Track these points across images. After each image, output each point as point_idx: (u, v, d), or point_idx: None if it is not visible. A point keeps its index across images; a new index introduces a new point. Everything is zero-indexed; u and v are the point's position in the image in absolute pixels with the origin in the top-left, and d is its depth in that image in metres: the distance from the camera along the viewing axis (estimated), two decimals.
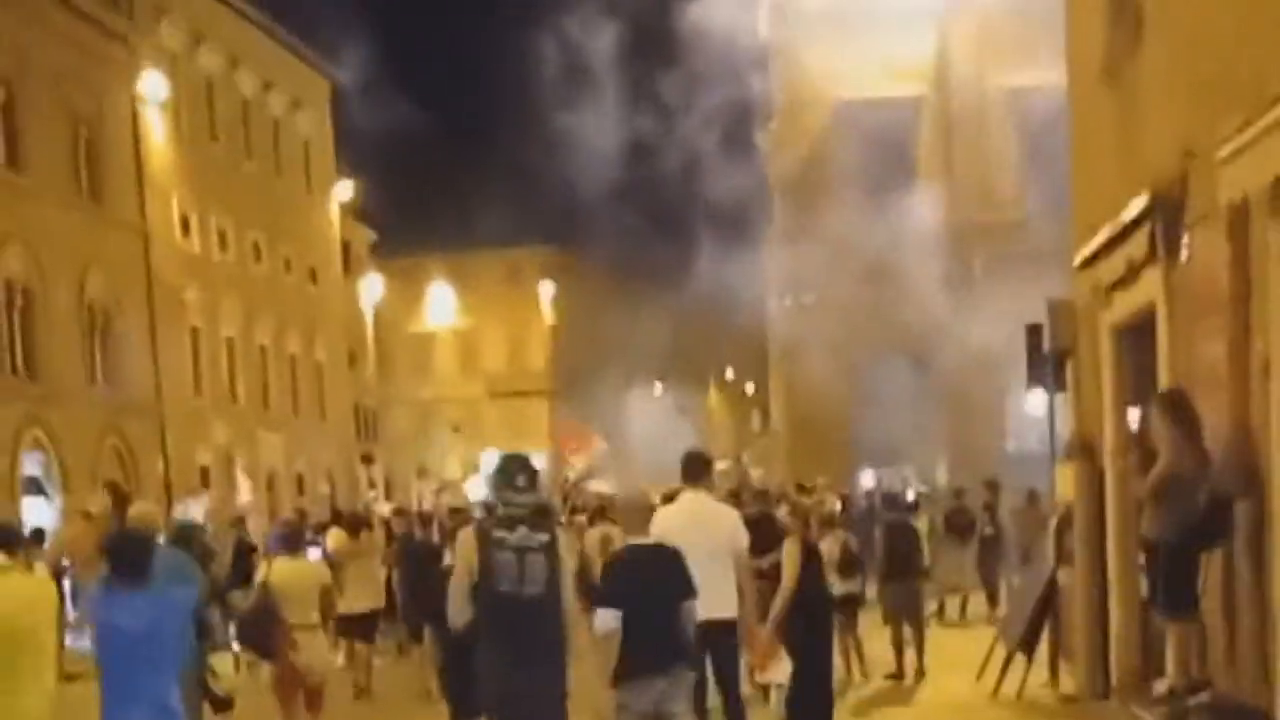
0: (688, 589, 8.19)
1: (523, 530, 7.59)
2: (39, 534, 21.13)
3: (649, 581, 8.06)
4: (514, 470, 7.84)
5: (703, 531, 9.43)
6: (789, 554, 10.79)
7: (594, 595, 8.54)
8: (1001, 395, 32.71)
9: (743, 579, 9.60)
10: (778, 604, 10.51)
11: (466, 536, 7.92)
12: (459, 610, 7.72)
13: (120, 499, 33.06)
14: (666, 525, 9.19)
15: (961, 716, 12.93)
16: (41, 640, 6.86)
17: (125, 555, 7.10)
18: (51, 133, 33.24)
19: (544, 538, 7.67)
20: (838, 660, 14.46)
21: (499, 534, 7.62)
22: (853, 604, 14.82)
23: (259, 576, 11.07)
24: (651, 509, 8.97)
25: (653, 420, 48.78)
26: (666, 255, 36.36)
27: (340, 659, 15.43)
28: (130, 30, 36.80)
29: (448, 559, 10.69)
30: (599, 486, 23.94)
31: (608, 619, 7.83)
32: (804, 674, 10.37)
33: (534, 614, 7.54)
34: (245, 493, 38.38)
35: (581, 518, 20.75)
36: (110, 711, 6.81)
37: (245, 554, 19.10)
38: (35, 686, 6.77)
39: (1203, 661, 8.95)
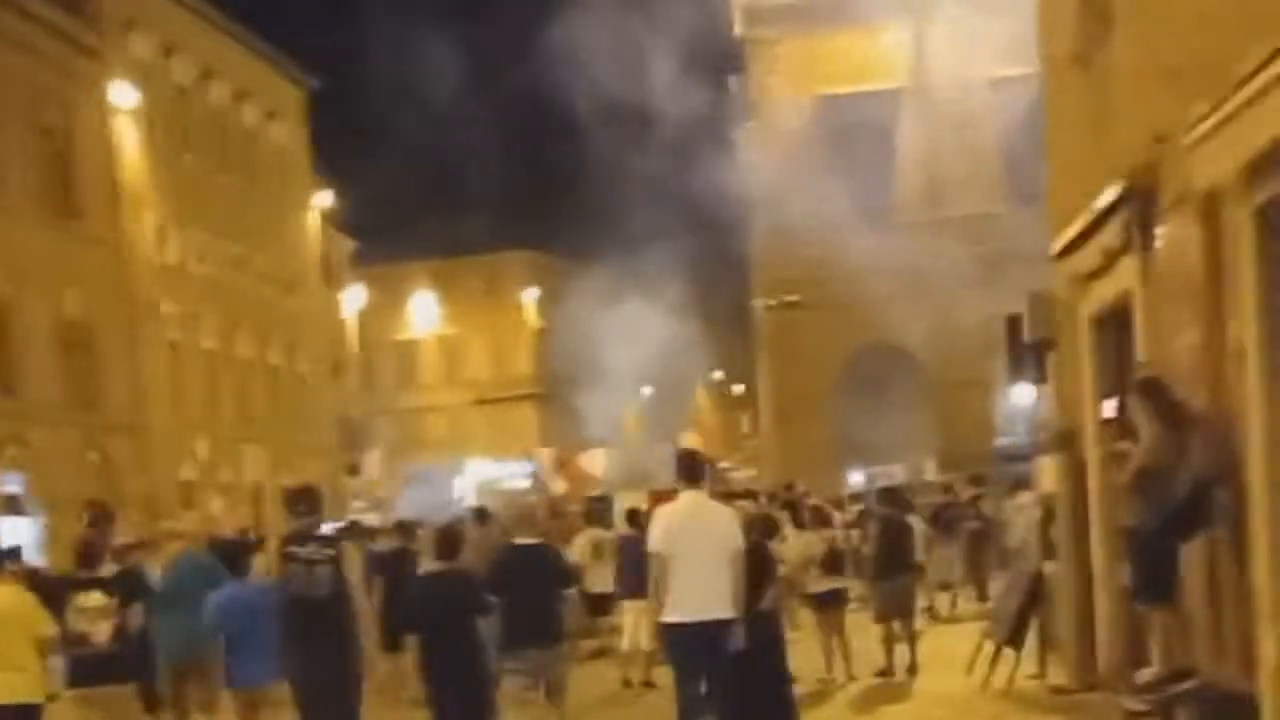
0: (562, 578, 10.94)
1: (311, 546, 9.45)
2: (16, 552, 20.91)
3: (531, 571, 10.41)
4: (295, 499, 9.94)
5: (704, 531, 9.58)
6: None
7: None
8: (988, 389, 32.71)
9: (736, 580, 9.61)
10: None
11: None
12: None
13: (104, 516, 32.87)
14: (668, 524, 9.56)
15: (953, 710, 12.87)
16: (27, 631, 9.31)
17: (233, 551, 10.79)
18: (23, 149, 33.08)
19: (329, 552, 9.47)
20: (823, 660, 14.46)
21: (293, 549, 9.50)
22: (837, 601, 14.77)
23: None
24: (530, 516, 11.96)
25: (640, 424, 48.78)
26: (652, 258, 36.29)
27: None
28: (99, 43, 36.56)
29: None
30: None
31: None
32: (750, 685, 10.22)
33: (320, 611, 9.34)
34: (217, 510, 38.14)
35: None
36: (236, 663, 9.61)
37: None
38: (32, 662, 9.29)
39: (1187, 649, 8.88)
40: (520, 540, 10.98)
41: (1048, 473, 13.52)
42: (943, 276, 32.46)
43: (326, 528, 12.08)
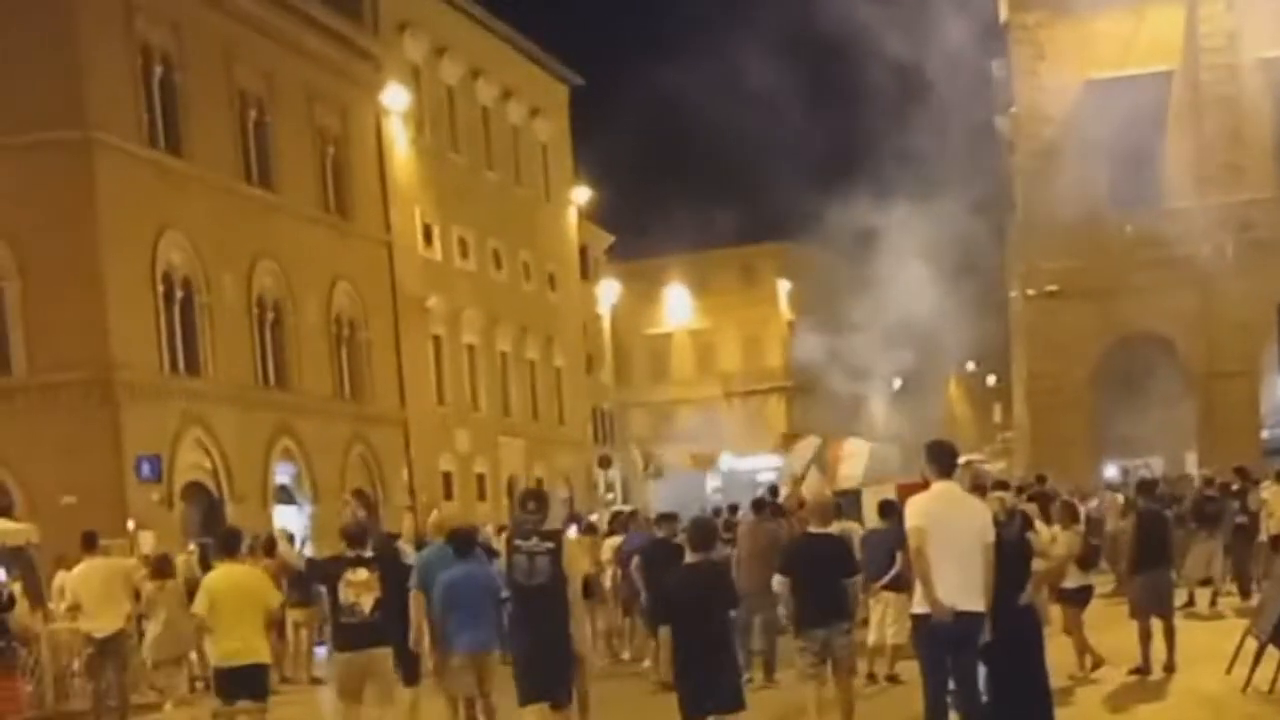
0: (852, 567, 11.50)
1: (534, 540, 10.41)
2: (289, 537, 21.96)
3: (820, 559, 11.02)
4: (526, 498, 11.08)
5: (958, 522, 9.47)
6: None
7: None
8: (1255, 380, 31.43)
9: (988, 574, 9.45)
10: None
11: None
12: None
13: (367, 507, 34.23)
14: (922, 514, 9.46)
15: (1212, 711, 12.41)
16: (259, 603, 11.44)
17: (462, 539, 11.77)
18: (300, 150, 34.54)
19: (550, 545, 10.42)
20: (1074, 657, 14.07)
21: (518, 542, 10.54)
22: (1086, 595, 14.40)
23: None
24: (831, 507, 12.18)
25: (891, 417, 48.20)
26: (907, 248, 35.90)
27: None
28: (375, 46, 37.93)
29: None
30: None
31: (778, 584, 11.22)
32: (1008, 679, 9.97)
33: (538, 597, 10.37)
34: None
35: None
36: (455, 631, 11.26)
37: None
38: (260, 629, 11.40)
39: None
40: (814, 529, 11.67)
41: None
42: (1208, 264, 31.33)
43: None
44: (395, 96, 38.39)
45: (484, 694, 11.55)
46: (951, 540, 9.33)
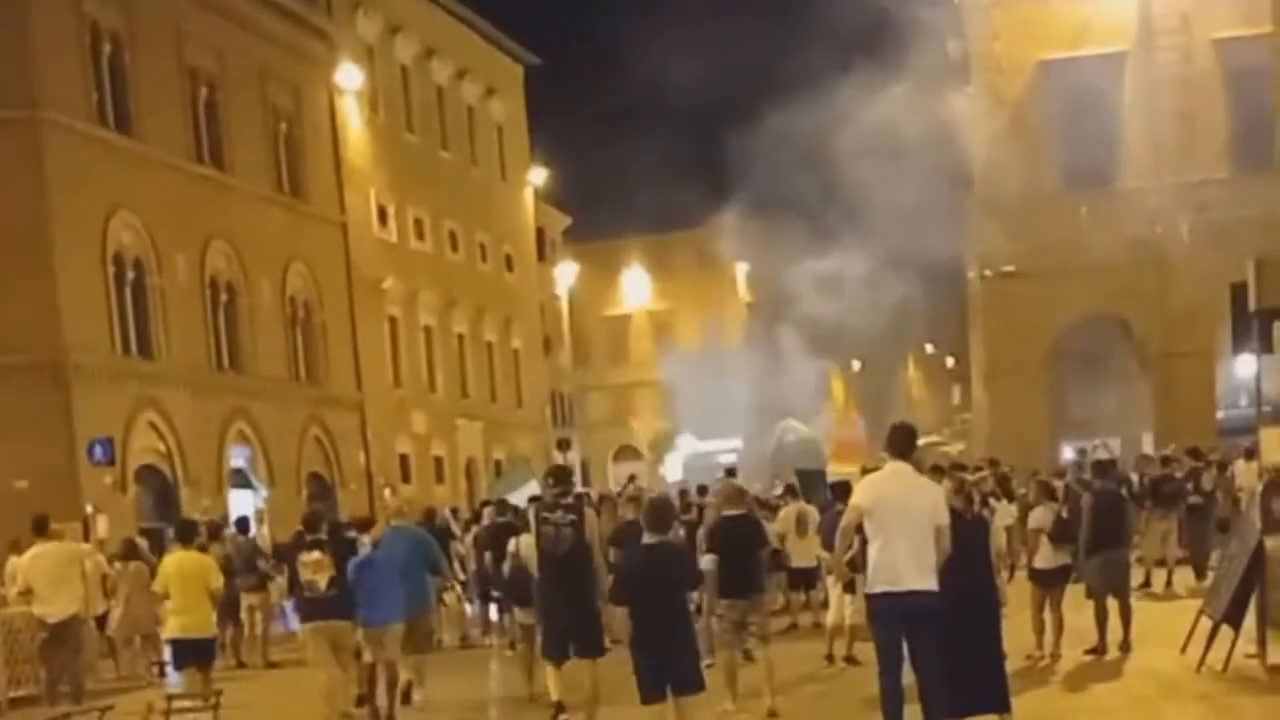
0: (762, 542, 12.93)
1: (559, 513, 11.73)
2: (244, 522, 21.77)
3: (738, 537, 12.25)
4: (548, 475, 12.69)
5: (907, 502, 9.51)
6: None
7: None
8: (1210, 360, 31.63)
9: (941, 555, 9.44)
10: None
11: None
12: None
13: (323, 490, 33.96)
14: (873, 491, 9.62)
15: (1166, 690, 12.44)
16: (205, 584, 13.23)
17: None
18: (252, 129, 34.19)
19: (572, 517, 11.73)
20: (1032, 637, 14.09)
21: (544, 514, 12.00)
22: (1064, 575, 14.40)
23: (511, 549, 14.54)
24: (737, 494, 13.29)
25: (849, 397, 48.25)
26: (863, 228, 35.95)
27: None
28: (328, 24, 37.58)
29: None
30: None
31: (708, 561, 12.02)
32: (962, 658, 9.91)
33: (565, 564, 11.74)
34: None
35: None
36: (360, 606, 12.56)
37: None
38: (206, 607, 13.23)
39: None
40: (728, 512, 12.72)
41: (1272, 444, 12.94)
42: (1163, 245, 31.54)
43: None
44: (349, 75, 38.08)
45: (386, 659, 13.00)
46: (903, 520, 9.37)
